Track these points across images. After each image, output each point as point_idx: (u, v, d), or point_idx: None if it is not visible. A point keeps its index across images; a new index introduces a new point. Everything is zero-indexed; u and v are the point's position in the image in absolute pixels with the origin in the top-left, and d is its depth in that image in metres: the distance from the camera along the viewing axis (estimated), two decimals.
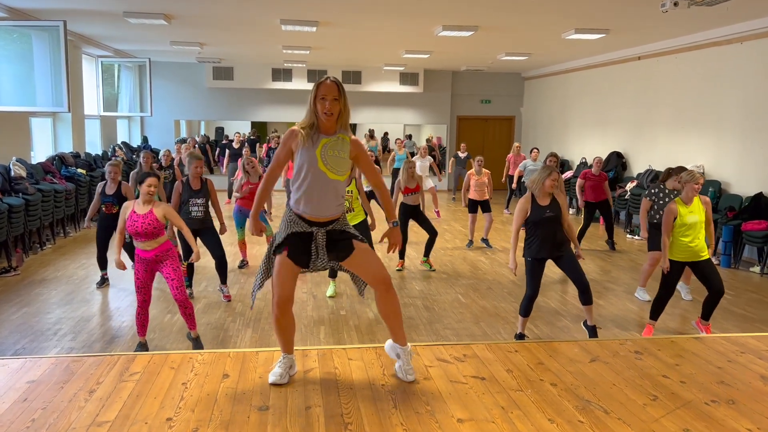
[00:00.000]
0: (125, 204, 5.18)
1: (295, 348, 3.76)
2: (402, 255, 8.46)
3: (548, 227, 5.32)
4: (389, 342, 3.62)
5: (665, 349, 4.03)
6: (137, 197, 5.25)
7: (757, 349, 4.06)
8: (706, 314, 5.62)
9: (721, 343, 4.18)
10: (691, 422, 3.06)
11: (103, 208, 7.20)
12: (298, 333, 5.88)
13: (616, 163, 12.91)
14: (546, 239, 5.32)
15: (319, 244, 3.34)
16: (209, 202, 6.80)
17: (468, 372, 3.61)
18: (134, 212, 5.05)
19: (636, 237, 11.12)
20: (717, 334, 4.99)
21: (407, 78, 17.58)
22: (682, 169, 6.97)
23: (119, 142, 15.12)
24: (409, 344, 3.59)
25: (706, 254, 5.50)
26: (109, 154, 13.86)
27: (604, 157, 13.10)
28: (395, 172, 14.44)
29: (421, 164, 11.85)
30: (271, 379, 3.41)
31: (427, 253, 8.46)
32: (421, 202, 8.36)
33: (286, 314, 3.40)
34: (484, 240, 10.00)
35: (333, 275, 7.16)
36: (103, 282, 7.46)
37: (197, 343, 5.35)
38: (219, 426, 2.94)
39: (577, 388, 3.42)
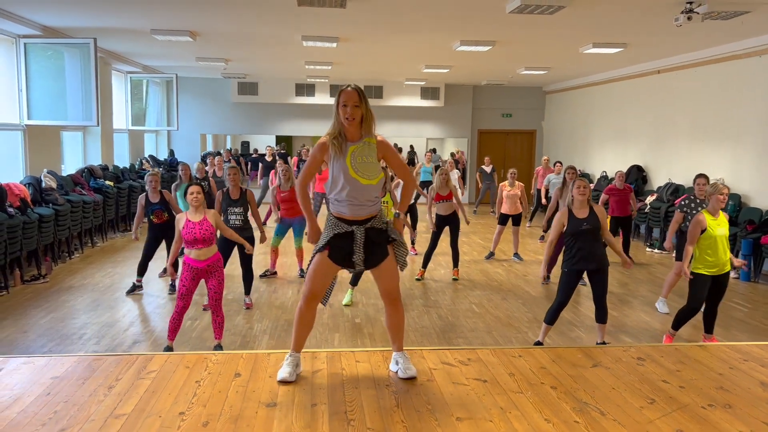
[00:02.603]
0: (178, 216, 5.47)
1: (305, 350, 3.91)
2: (425, 264, 8.59)
3: (586, 239, 5.42)
4: (392, 358, 3.80)
5: (668, 356, 4.09)
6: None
7: (761, 357, 4.09)
8: (709, 327, 5.66)
9: (725, 351, 4.23)
10: (686, 424, 3.13)
11: (153, 218, 7.44)
12: (313, 338, 6.04)
13: (637, 176, 12.89)
14: (583, 250, 5.41)
15: (357, 241, 3.51)
16: (248, 212, 7.00)
17: (471, 375, 3.72)
18: (189, 221, 5.33)
19: (656, 250, 11.08)
20: (723, 342, 5.01)
21: (428, 92, 17.77)
22: (701, 175, 7.02)
23: (146, 155, 15.53)
24: (404, 349, 3.78)
25: (728, 267, 5.54)
26: (137, 166, 14.25)
27: (624, 170, 13.11)
28: (421, 185, 14.58)
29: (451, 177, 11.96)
30: (280, 376, 3.57)
31: (455, 264, 8.64)
32: (458, 210, 8.54)
33: (310, 309, 3.62)
34: (516, 255, 10.06)
35: (354, 282, 7.31)
36: (134, 289, 7.70)
37: (220, 350, 5.57)
38: (228, 420, 3.10)
39: (576, 391, 3.51)
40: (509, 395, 3.45)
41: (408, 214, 9.91)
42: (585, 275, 5.72)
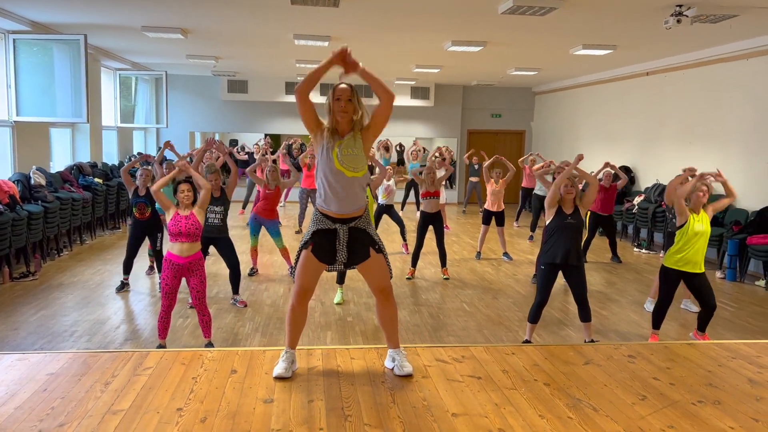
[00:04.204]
0: (171, 208, 5.46)
1: (300, 347, 3.94)
2: (414, 263, 8.63)
3: (567, 234, 5.49)
4: (387, 354, 3.83)
5: (658, 354, 4.16)
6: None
7: (749, 355, 4.17)
8: (702, 327, 5.74)
9: (714, 348, 4.30)
10: (677, 420, 3.20)
11: (136, 213, 7.45)
12: (306, 337, 6.05)
13: None
14: (563, 245, 5.48)
15: (341, 240, 3.57)
16: (228, 211, 6.99)
17: (465, 371, 3.76)
18: (177, 214, 5.37)
19: (643, 250, 11.19)
20: (712, 340, 5.09)
21: (418, 92, 17.82)
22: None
23: (135, 153, 15.44)
24: (401, 346, 3.80)
25: (701, 268, 5.61)
26: (125, 164, 14.17)
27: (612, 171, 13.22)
28: (408, 184, 14.62)
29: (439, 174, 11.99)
30: (276, 373, 3.59)
31: (443, 264, 8.65)
32: (441, 210, 8.58)
33: (301, 305, 3.66)
34: (506, 254, 10.10)
35: (340, 281, 7.34)
36: (123, 287, 7.68)
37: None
38: (226, 416, 3.12)
39: (569, 388, 3.56)
40: (503, 392, 3.50)
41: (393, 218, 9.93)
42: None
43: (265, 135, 18.35)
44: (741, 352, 4.23)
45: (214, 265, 8.51)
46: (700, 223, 5.58)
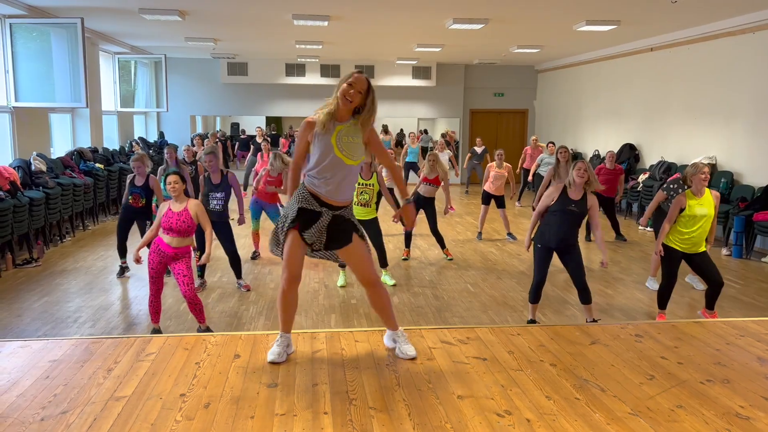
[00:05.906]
0: (163, 203, 5.39)
1: (304, 331, 3.91)
2: (408, 244, 8.58)
3: (565, 220, 5.39)
4: (386, 333, 3.80)
5: (665, 333, 4.11)
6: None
7: (757, 333, 4.13)
8: (710, 305, 5.69)
9: (721, 327, 4.26)
10: (685, 400, 3.16)
11: (130, 199, 7.41)
12: (310, 320, 6.04)
13: (629, 155, 12.91)
14: (559, 230, 5.40)
15: (321, 225, 3.47)
16: (230, 196, 6.94)
17: (470, 353, 3.73)
18: (170, 209, 5.29)
19: (648, 228, 11.12)
20: (719, 318, 5.05)
21: (420, 72, 17.65)
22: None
23: (136, 138, 15.37)
24: (400, 328, 3.77)
25: (702, 247, 5.55)
26: (126, 149, 14.12)
27: (616, 149, 13.09)
28: (407, 165, 14.55)
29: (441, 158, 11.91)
30: (270, 357, 3.56)
31: (442, 246, 8.59)
32: (445, 190, 8.47)
33: (291, 290, 3.60)
34: (510, 234, 10.04)
35: (343, 265, 7.30)
36: (123, 271, 7.66)
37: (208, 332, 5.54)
38: (230, 401, 3.09)
39: (575, 368, 3.52)
40: (509, 373, 3.46)
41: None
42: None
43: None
44: (749, 330, 4.18)
45: (217, 248, 8.46)
46: (702, 207, 5.47)
